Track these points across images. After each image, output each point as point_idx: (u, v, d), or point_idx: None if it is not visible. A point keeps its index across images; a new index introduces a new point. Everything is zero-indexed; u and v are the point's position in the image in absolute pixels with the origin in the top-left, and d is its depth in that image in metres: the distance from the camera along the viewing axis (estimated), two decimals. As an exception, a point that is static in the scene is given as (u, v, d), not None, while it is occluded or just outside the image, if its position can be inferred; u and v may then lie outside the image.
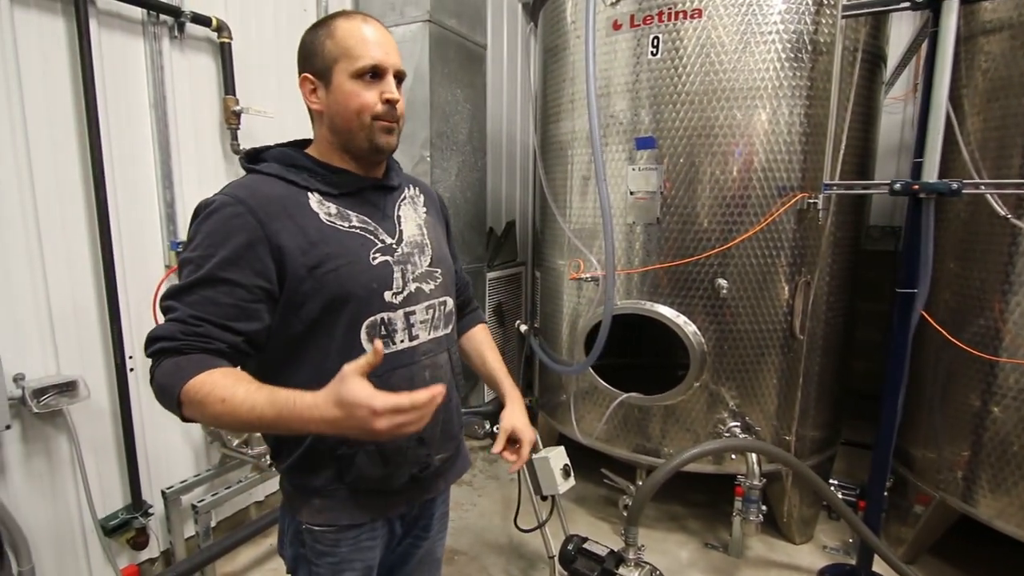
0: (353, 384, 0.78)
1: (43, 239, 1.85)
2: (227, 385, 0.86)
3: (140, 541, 2.12)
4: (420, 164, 2.96)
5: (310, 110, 1.08)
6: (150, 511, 2.16)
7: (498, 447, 1.23)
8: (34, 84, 1.81)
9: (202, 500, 2.19)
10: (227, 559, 2.36)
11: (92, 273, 1.99)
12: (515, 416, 1.27)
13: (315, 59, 1.04)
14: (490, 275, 3.58)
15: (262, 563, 2.42)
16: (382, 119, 1.03)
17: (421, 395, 0.80)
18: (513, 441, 1.25)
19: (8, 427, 1.75)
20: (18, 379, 1.79)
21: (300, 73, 1.06)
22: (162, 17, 2.13)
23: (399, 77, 1.06)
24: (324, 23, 1.05)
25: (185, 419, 0.91)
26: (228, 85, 2.34)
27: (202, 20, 2.22)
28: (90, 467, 1.99)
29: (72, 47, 1.88)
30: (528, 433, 1.26)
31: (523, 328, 3.21)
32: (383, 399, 0.78)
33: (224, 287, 0.93)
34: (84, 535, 2.01)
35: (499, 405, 1.31)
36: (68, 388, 1.86)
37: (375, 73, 1.01)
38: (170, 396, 0.88)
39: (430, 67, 2.88)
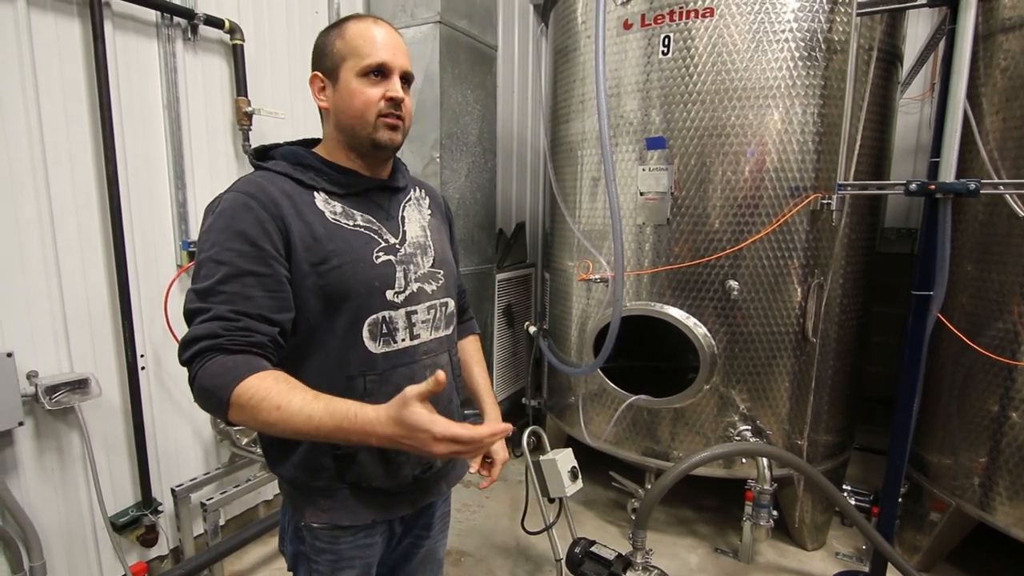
0: (414, 409, 0.81)
1: (58, 238, 1.88)
2: (282, 391, 0.86)
3: (150, 538, 2.13)
4: (430, 165, 2.96)
5: (320, 109, 1.10)
6: (160, 508, 2.17)
7: (475, 467, 1.29)
8: (51, 85, 1.84)
9: (211, 498, 2.21)
10: (235, 557, 2.38)
11: (105, 272, 2.01)
12: None
13: (325, 58, 1.06)
14: (500, 276, 3.57)
15: (270, 562, 2.43)
16: (385, 116, 1.03)
17: (481, 430, 0.83)
18: (488, 459, 1.31)
19: (21, 424, 1.77)
20: (31, 376, 1.81)
21: (312, 71, 1.09)
22: (176, 19, 2.15)
23: (407, 79, 1.07)
24: (337, 24, 1.07)
25: (230, 423, 0.89)
26: (240, 86, 2.36)
27: (215, 22, 2.24)
28: (101, 464, 2.01)
29: (87, 49, 1.91)
30: (502, 454, 1.31)
31: (532, 329, 3.20)
32: (442, 426, 0.81)
33: (251, 279, 0.93)
34: (95, 531, 2.03)
35: (481, 419, 1.33)
36: (80, 386, 1.88)
37: (381, 72, 1.03)
38: (218, 399, 0.86)
39: (440, 68, 2.88)
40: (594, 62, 2.08)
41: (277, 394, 0.85)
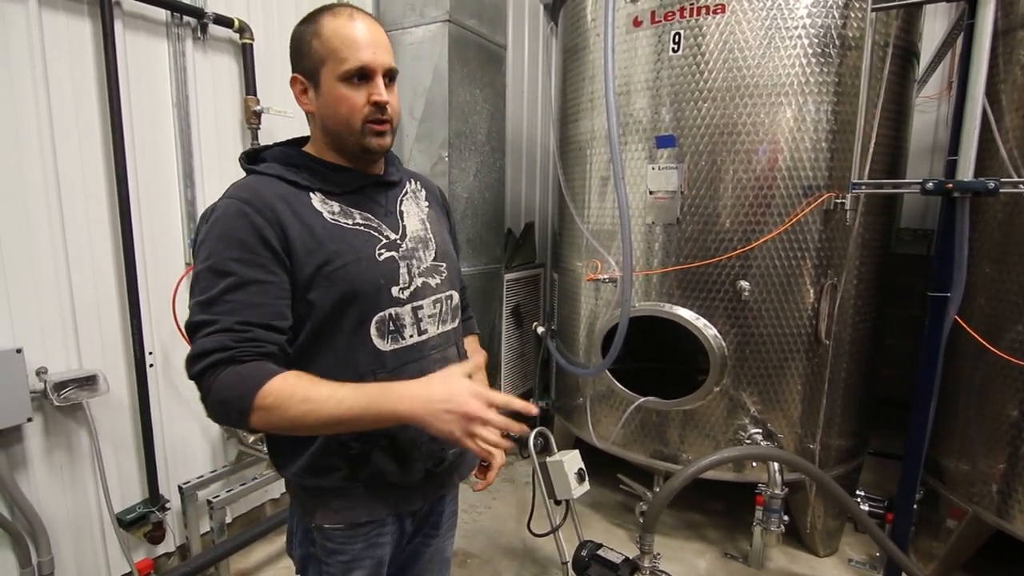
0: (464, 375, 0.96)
1: (67, 236, 1.89)
2: (306, 386, 0.88)
3: (156, 535, 2.14)
4: (438, 164, 2.95)
5: (304, 111, 1.07)
6: (167, 506, 2.18)
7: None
8: (61, 84, 1.85)
9: (218, 496, 2.21)
10: (241, 555, 2.38)
11: (114, 270, 2.03)
12: None
13: (303, 59, 1.02)
14: (508, 276, 3.56)
15: (275, 560, 2.43)
16: (371, 122, 1.00)
17: (513, 401, 0.96)
18: (483, 463, 1.24)
19: (30, 420, 1.78)
20: (40, 372, 1.83)
21: (292, 71, 1.05)
22: (185, 19, 2.16)
23: (390, 76, 1.03)
24: (312, 19, 1.01)
25: (251, 428, 0.90)
26: (249, 85, 2.37)
27: (224, 21, 2.24)
28: (109, 461, 2.02)
29: (98, 48, 1.92)
30: (500, 458, 1.22)
31: (540, 330, 3.19)
32: (481, 387, 0.93)
33: (254, 287, 0.92)
34: (102, 528, 2.04)
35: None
36: (88, 382, 1.89)
37: (363, 75, 0.99)
38: (239, 408, 0.87)
39: (449, 68, 2.87)
40: (603, 60, 2.06)
41: (302, 389, 0.87)
